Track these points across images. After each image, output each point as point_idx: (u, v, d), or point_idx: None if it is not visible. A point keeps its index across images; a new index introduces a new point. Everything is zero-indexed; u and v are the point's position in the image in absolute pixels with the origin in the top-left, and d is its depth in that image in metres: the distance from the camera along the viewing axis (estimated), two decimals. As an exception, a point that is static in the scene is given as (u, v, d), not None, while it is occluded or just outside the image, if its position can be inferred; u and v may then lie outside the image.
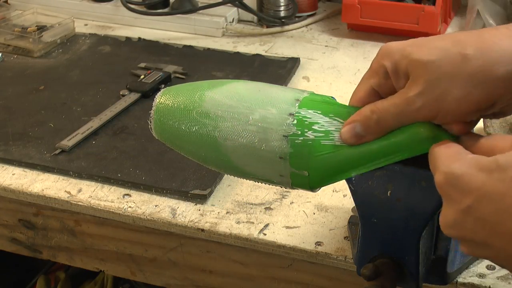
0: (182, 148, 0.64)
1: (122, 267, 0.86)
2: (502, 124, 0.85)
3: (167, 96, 0.63)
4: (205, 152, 0.62)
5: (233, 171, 0.63)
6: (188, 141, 0.62)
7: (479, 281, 0.67)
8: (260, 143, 0.58)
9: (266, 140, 0.58)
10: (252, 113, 0.59)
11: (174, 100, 0.62)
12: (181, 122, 0.61)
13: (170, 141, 0.64)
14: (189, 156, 0.65)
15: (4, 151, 0.88)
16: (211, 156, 0.62)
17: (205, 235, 0.76)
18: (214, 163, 0.63)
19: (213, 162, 0.63)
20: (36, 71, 1.11)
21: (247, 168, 0.61)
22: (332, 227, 0.74)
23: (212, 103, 0.61)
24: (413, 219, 0.57)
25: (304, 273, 0.75)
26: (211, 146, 0.61)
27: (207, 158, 0.63)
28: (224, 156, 0.61)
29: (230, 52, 1.16)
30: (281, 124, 0.58)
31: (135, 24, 1.26)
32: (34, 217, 0.86)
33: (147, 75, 1.05)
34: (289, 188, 0.61)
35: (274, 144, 0.58)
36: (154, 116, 0.63)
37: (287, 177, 0.59)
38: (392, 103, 0.55)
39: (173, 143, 0.64)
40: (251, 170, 0.61)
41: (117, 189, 0.82)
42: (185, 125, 0.61)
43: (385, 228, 0.59)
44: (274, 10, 1.26)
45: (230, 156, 0.60)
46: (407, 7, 1.16)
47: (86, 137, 0.90)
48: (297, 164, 0.58)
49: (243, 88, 0.62)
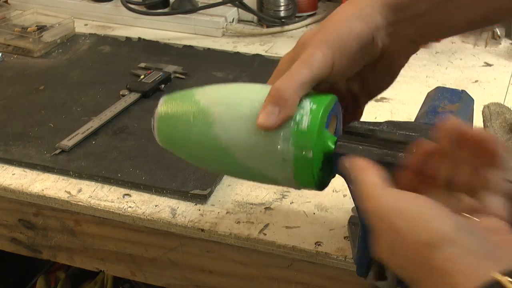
0: (188, 154, 0.63)
1: (122, 267, 0.86)
2: (502, 124, 0.85)
3: (168, 104, 0.63)
4: (210, 155, 0.62)
5: (237, 170, 0.63)
6: (193, 146, 0.62)
7: (479, 281, 0.67)
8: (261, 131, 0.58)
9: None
10: (252, 103, 0.59)
11: (175, 108, 0.62)
12: (184, 129, 0.61)
13: (176, 148, 0.64)
14: (195, 162, 0.64)
15: (4, 151, 0.88)
16: (215, 158, 0.62)
17: (205, 235, 0.76)
18: (219, 165, 0.63)
19: (218, 163, 0.63)
20: (36, 71, 1.11)
21: (250, 162, 0.60)
22: (332, 227, 0.74)
23: (212, 103, 0.61)
24: (413, 219, 0.57)
25: (304, 273, 0.75)
26: (214, 146, 0.61)
27: (212, 161, 0.63)
28: (228, 154, 0.60)
29: (230, 52, 1.16)
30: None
31: (135, 24, 1.26)
32: (34, 217, 0.86)
33: (147, 75, 1.05)
34: (293, 186, 0.61)
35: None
36: (157, 126, 0.63)
37: (290, 164, 0.58)
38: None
39: (179, 150, 0.64)
40: (254, 163, 0.60)
41: (117, 189, 0.82)
42: (188, 131, 0.61)
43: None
44: (274, 10, 1.26)
45: (234, 153, 0.60)
46: (407, 7, 1.16)
47: (86, 137, 0.90)
48: (301, 143, 0.58)
49: (240, 86, 0.63)
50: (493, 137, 0.50)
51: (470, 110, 0.83)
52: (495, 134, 0.83)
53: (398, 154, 0.57)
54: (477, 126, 0.87)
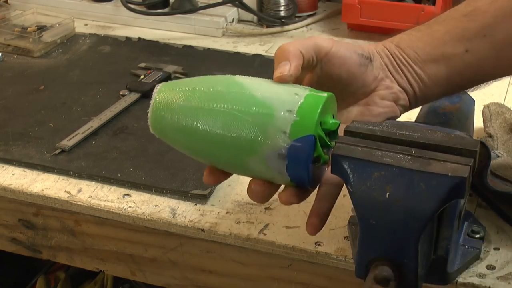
0: (183, 144, 0.63)
1: (122, 267, 0.86)
2: (502, 124, 0.85)
3: (166, 92, 0.63)
4: (207, 146, 0.62)
5: (231, 161, 0.63)
6: (189, 136, 0.62)
7: (479, 281, 0.67)
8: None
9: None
10: (254, 95, 0.60)
11: (173, 96, 0.62)
12: (182, 118, 0.61)
13: (169, 137, 0.64)
14: (187, 152, 0.64)
15: (4, 151, 0.88)
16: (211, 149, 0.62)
17: (205, 235, 0.76)
18: (209, 156, 0.63)
19: (208, 155, 0.63)
20: (36, 71, 1.11)
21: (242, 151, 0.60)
22: (332, 227, 0.74)
23: (214, 94, 0.61)
24: (412, 220, 0.57)
25: (304, 273, 0.75)
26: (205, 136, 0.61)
27: (207, 153, 0.63)
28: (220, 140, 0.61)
29: (230, 52, 1.16)
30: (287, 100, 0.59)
31: (135, 24, 1.26)
32: (34, 217, 0.86)
33: (147, 75, 1.05)
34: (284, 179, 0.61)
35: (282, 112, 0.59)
36: (153, 113, 0.63)
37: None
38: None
39: (172, 139, 0.64)
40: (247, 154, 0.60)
41: (117, 189, 0.82)
42: (187, 120, 0.61)
43: (383, 229, 0.59)
44: (274, 10, 1.26)
45: (228, 146, 0.60)
46: (407, 7, 1.17)
47: (86, 137, 0.90)
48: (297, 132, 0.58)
49: (241, 78, 0.63)
50: None
51: (471, 110, 0.83)
52: (495, 134, 0.83)
53: (397, 156, 0.57)
54: (477, 126, 0.87)
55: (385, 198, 0.57)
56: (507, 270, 0.68)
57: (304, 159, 0.59)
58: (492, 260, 0.69)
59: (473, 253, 0.69)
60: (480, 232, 0.70)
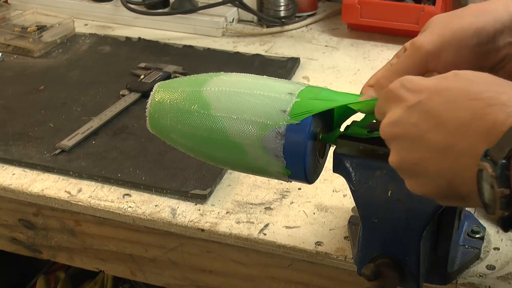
0: (181, 143, 0.64)
1: (122, 267, 0.86)
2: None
3: (163, 92, 0.63)
4: (204, 143, 0.62)
5: (228, 154, 0.62)
6: (187, 132, 0.62)
7: (479, 281, 0.67)
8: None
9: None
10: (252, 88, 0.60)
11: (171, 96, 0.62)
12: (179, 118, 0.61)
13: (167, 136, 0.64)
14: (183, 148, 0.65)
15: (4, 151, 0.88)
16: (207, 145, 0.62)
17: (205, 235, 0.76)
18: (208, 154, 0.63)
19: (208, 152, 0.63)
20: (36, 71, 1.11)
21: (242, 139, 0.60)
22: (332, 227, 0.74)
23: (211, 93, 0.61)
24: (414, 219, 0.57)
25: (304, 273, 0.75)
26: (210, 134, 0.61)
27: (204, 150, 0.63)
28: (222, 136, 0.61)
29: (230, 52, 1.16)
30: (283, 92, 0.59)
31: (135, 24, 1.26)
32: (34, 217, 0.86)
33: (147, 75, 1.05)
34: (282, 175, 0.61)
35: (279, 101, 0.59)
36: (150, 112, 0.63)
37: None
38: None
39: (170, 137, 0.64)
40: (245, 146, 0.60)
41: (117, 189, 0.82)
42: (185, 119, 0.61)
43: (385, 228, 0.59)
44: (274, 10, 1.26)
45: (227, 131, 0.60)
46: (407, 7, 1.16)
47: (86, 137, 0.90)
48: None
49: (237, 76, 0.63)
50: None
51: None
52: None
53: None
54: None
55: (387, 196, 0.57)
56: (507, 270, 0.68)
57: (302, 138, 0.58)
58: (492, 260, 0.69)
59: (473, 253, 0.69)
60: (480, 232, 0.70)
